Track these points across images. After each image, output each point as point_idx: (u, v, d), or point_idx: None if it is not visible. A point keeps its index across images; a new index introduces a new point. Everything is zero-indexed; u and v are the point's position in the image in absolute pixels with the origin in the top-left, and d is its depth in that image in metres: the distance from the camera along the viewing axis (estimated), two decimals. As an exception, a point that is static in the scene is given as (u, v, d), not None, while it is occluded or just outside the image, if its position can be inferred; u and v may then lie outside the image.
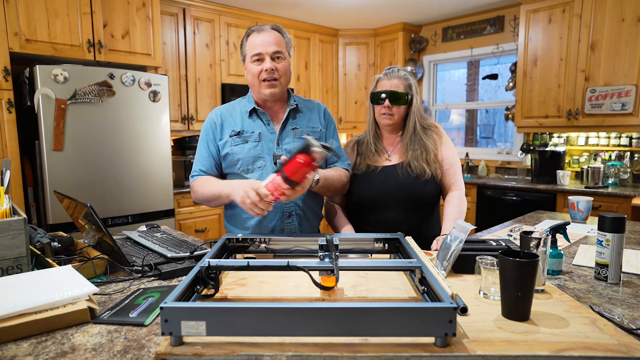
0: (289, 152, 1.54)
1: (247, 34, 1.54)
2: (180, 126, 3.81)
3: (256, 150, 1.52)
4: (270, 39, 1.48)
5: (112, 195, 2.95)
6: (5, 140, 2.64)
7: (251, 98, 1.59)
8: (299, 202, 1.54)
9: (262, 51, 1.47)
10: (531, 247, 1.03)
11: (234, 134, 1.54)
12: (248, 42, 1.51)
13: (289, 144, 1.56)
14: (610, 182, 3.47)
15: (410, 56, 4.84)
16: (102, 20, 2.94)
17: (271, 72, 1.47)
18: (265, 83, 1.49)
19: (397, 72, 1.66)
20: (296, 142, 1.57)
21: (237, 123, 1.56)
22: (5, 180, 1.28)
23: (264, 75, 1.48)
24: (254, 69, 1.49)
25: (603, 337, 0.79)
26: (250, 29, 1.54)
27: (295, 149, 1.20)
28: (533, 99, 3.77)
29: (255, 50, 1.48)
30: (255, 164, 1.52)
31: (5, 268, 1.09)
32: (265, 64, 1.47)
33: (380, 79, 1.67)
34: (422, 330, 0.75)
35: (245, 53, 1.53)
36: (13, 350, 0.79)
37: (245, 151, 1.52)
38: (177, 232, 1.78)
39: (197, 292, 0.94)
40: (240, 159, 1.52)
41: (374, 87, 1.69)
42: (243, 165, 1.52)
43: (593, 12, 3.36)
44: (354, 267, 1.02)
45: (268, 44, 1.47)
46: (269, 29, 1.50)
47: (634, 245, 1.58)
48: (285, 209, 1.53)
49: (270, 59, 1.47)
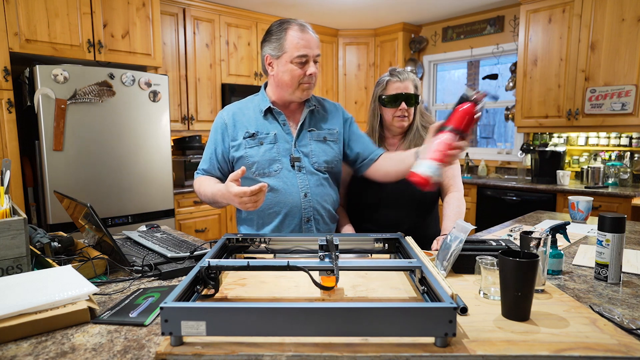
0: (306, 154, 1.47)
1: (284, 27, 1.40)
2: (180, 126, 3.81)
3: (272, 153, 1.45)
4: (314, 41, 1.40)
5: (112, 195, 2.95)
6: (5, 140, 2.64)
7: (266, 97, 1.50)
8: (318, 206, 1.47)
9: (309, 54, 1.39)
10: (531, 247, 1.03)
11: (248, 136, 1.46)
12: (289, 39, 1.38)
13: (306, 147, 1.48)
14: (610, 182, 3.47)
15: (410, 56, 4.84)
16: (102, 20, 2.94)
17: (313, 77, 1.42)
18: (304, 86, 1.42)
19: (407, 74, 1.65)
20: (313, 144, 1.49)
21: (250, 123, 1.48)
22: (5, 180, 1.28)
23: (305, 80, 1.41)
24: (295, 71, 1.39)
25: (603, 337, 0.79)
26: (285, 22, 1.41)
27: (453, 103, 1.17)
28: (533, 99, 3.77)
29: (301, 51, 1.38)
30: (272, 167, 1.44)
31: (5, 268, 1.09)
32: (311, 68, 1.40)
33: (391, 81, 1.64)
34: (422, 330, 0.75)
35: (285, 50, 1.39)
36: (13, 350, 0.79)
37: (261, 154, 1.44)
38: (177, 232, 1.78)
39: (197, 292, 0.94)
40: (255, 162, 1.44)
41: (383, 90, 1.65)
42: (259, 168, 1.44)
43: (593, 12, 3.36)
44: (354, 267, 1.02)
45: (314, 46, 1.40)
46: (309, 29, 1.41)
47: (634, 245, 1.58)
48: (304, 214, 1.46)
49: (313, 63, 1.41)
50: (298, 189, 1.45)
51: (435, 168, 1.15)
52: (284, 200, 1.44)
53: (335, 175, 1.56)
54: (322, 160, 1.49)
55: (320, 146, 1.50)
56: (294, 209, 1.45)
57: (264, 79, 4.36)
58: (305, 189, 1.45)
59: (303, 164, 1.47)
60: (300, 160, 1.46)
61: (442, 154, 1.15)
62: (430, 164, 1.15)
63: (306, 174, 1.47)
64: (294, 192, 1.45)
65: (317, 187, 1.48)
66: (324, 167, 1.50)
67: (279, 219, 1.46)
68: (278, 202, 1.45)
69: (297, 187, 1.45)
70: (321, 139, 1.51)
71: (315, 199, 1.47)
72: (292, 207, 1.45)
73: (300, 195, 1.45)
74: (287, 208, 1.45)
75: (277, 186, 1.44)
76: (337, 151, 1.54)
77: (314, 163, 1.48)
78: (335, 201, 1.56)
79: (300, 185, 1.45)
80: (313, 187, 1.47)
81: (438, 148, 1.15)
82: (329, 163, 1.50)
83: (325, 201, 1.50)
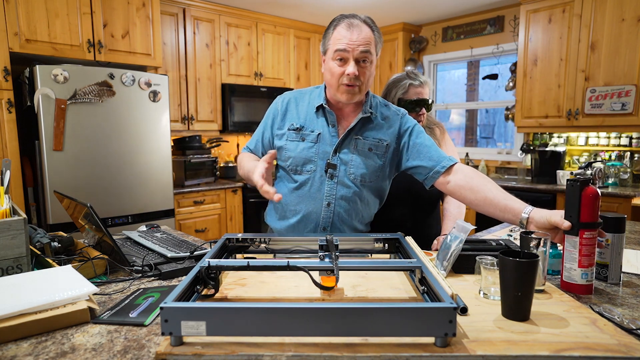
0: (344, 163, 1.39)
1: (334, 22, 1.34)
2: (180, 126, 3.81)
3: (310, 152, 1.39)
4: (361, 37, 1.28)
5: (112, 195, 2.95)
6: (5, 140, 2.64)
7: (323, 92, 1.43)
8: (338, 219, 1.41)
9: (347, 48, 1.28)
10: (531, 247, 1.03)
11: (294, 129, 1.41)
12: (334, 34, 1.31)
13: (347, 155, 1.39)
14: (610, 182, 3.47)
15: (410, 56, 4.84)
16: (102, 20, 2.94)
17: (354, 78, 1.30)
18: (344, 88, 1.32)
19: (424, 77, 1.68)
20: (355, 154, 1.39)
21: (300, 116, 1.43)
22: (5, 180, 1.28)
23: (344, 80, 1.31)
24: (334, 69, 1.31)
25: (603, 337, 0.79)
26: (339, 18, 1.33)
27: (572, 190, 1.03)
28: (533, 99, 3.77)
29: (339, 44, 1.28)
30: (305, 167, 1.40)
31: (5, 268, 1.09)
32: (349, 67, 1.29)
33: (413, 85, 1.66)
34: (422, 330, 0.75)
35: (328, 46, 1.33)
36: (13, 350, 0.79)
37: (299, 150, 1.40)
38: (177, 232, 1.78)
39: (197, 292, 0.94)
40: (291, 157, 1.41)
41: (404, 93, 1.66)
42: (293, 164, 1.41)
43: (593, 12, 3.36)
44: (354, 267, 1.02)
45: (358, 42, 1.28)
46: (361, 22, 1.31)
47: (634, 245, 1.58)
48: (322, 223, 1.41)
49: (355, 62, 1.30)
50: (323, 196, 1.40)
51: (591, 272, 1.07)
52: (306, 203, 1.42)
53: (374, 190, 1.45)
54: (359, 172, 1.40)
55: (362, 157, 1.40)
56: (312, 214, 1.41)
57: (264, 79, 4.36)
58: (330, 199, 1.40)
59: (337, 172, 1.39)
60: (335, 168, 1.39)
61: (593, 258, 1.06)
62: (584, 271, 1.06)
63: (337, 183, 1.39)
64: (317, 198, 1.41)
65: (345, 200, 1.40)
66: (360, 180, 1.40)
67: (297, 218, 1.44)
68: (300, 202, 1.43)
69: (323, 195, 1.40)
70: (365, 149, 1.40)
71: (338, 210, 1.41)
72: (312, 212, 1.42)
73: (323, 203, 1.40)
74: (306, 211, 1.42)
75: (304, 187, 1.41)
76: (381, 165, 1.42)
77: (350, 174, 1.39)
78: (364, 217, 1.47)
79: (326, 193, 1.40)
80: (340, 199, 1.40)
81: (586, 253, 1.05)
82: (366, 177, 1.40)
83: (350, 215, 1.42)
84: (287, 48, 4.53)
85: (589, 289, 1.06)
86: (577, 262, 1.06)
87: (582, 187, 1.03)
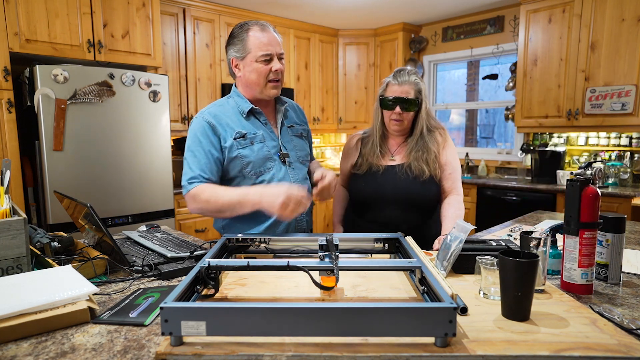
0: (291, 149, 1.55)
1: (244, 28, 1.46)
2: (180, 126, 3.81)
3: (264, 151, 1.48)
4: (276, 39, 1.46)
5: (112, 195, 2.95)
6: (5, 140, 2.64)
7: (244, 98, 1.52)
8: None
9: (272, 52, 1.44)
10: (531, 247, 1.03)
11: (240, 136, 1.46)
12: (251, 40, 1.43)
13: (289, 143, 1.56)
14: (610, 182, 3.47)
15: (410, 56, 4.83)
16: (102, 20, 2.94)
17: (279, 73, 1.47)
18: (272, 84, 1.47)
19: (408, 77, 1.62)
20: (295, 140, 1.58)
21: (235, 125, 1.47)
22: (5, 180, 1.28)
23: (272, 76, 1.46)
24: (261, 69, 1.44)
25: (603, 337, 0.79)
26: (244, 24, 1.47)
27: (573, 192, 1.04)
28: (533, 99, 3.77)
29: (263, 50, 1.43)
30: (266, 165, 1.48)
31: (5, 268, 1.09)
32: (276, 64, 1.45)
33: (391, 83, 1.64)
34: (422, 330, 0.75)
35: (248, 50, 1.44)
36: (13, 350, 0.79)
37: (256, 152, 1.47)
38: (177, 232, 1.78)
39: (197, 292, 0.94)
40: (251, 161, 1.46)
41: (383, 91, 1.66)
42: (254, 167, 1.46)
43: (593, 12, 3.36)
44: (354, 267, 1.02)
45: (276, 44, 1.45)
46: (270, 29, 1.47)
47: (634, 245, 1.58)
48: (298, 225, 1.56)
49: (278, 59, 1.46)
50: (290, 182, 1.51)
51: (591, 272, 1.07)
52: None
53: None
54: (303, 154, 1.60)
55: (299, 141, 1.61)
56: None
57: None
58: (295, 182, 1.53)
59: (291, 159, 1.55)
60: (288, 156, 1.54)
61: (593, 258, 1.06)
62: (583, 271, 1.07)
63: (294, 168, 1.55)
64: None
65: (303, 180, 1.57)
66: (305, 161, 1.61)
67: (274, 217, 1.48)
68: None
69: (289, 181, 1.51)
70: (298, 135, 1.62)
71: None
72: None
73: None
74: None
75: (272, 182, 1.48)
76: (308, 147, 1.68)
77: (299, 157, 1.58)
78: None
79: (292, 179, 1.52)
80: (301, 180, 1.55)
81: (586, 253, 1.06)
82: (306, 157, 1.62)
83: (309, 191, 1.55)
84: (287, 48, 4.52)
85: (589, 289, 1.07)
86: (577, 262, 1.06)
87: (582, 187, 1.04)
